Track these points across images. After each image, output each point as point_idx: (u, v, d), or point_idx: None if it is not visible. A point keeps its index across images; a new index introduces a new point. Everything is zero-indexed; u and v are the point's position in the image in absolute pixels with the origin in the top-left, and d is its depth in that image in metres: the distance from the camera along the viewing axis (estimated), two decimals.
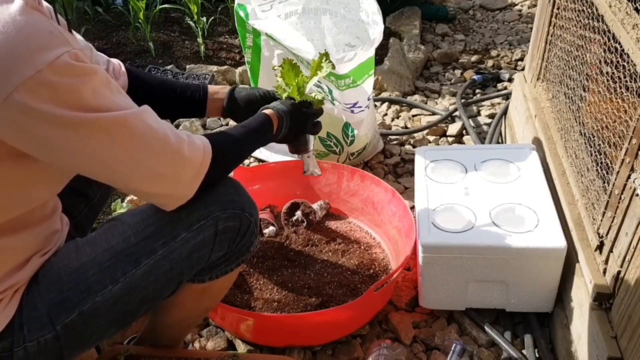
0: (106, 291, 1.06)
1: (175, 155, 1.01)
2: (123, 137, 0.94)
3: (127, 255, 1.08)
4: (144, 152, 0.97)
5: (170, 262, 1.11)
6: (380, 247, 1.84)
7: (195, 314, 1.37)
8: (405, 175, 2.20)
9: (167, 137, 0.99)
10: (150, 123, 0.97)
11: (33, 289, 1.05)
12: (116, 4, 3.35)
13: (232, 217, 1.14)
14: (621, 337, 1.21)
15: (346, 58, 1.83)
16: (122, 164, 0.97)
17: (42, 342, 1.03)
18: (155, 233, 1.10)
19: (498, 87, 2.74)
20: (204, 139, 1.09)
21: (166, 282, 1.14)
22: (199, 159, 1.05)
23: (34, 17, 0.87)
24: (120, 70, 1.32)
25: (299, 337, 1.54)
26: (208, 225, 1.12)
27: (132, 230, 1.10)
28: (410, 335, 1.57)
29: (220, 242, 1.15)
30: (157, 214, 1.11)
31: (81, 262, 1.08)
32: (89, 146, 0.92)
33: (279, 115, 1.28)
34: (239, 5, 1.97)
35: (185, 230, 1.11)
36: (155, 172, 1.00)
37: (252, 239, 1.21)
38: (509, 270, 1.50)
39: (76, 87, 0.88)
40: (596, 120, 1.45)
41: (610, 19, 1.31)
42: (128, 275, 1.08)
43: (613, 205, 1.27)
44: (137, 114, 0.96)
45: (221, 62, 2.90)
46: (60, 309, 1.04)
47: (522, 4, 3.56)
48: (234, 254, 1.21)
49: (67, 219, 1.20)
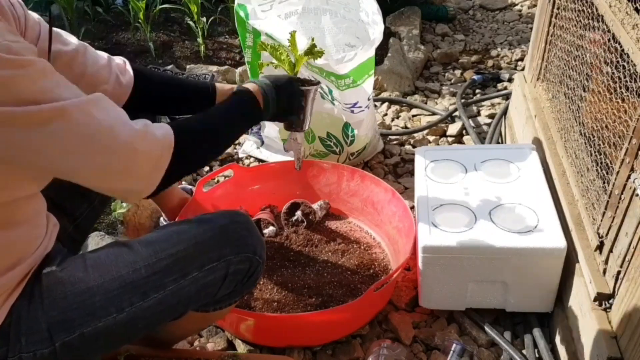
0: (110, 318, 1.06)
1: (125, 149, 0.96)
2: (62, 130, 0.89)
3: (136, 287, 1.07)
4: (88, 145, 0.92)
5: (178, 298, 1.11)
6: (380, 247, 1.84)
7: (193, 331, 1.41)
8: (405, 175, 2.20)
9: (113, 129, 0.94)
10: (95, 114, 0.91)
11: (36, 301, 1.04)
12: (116, 4, 3.35)
13: (244, 260, 1.15)
14: (621, 337, 1.21)
15: (346, 58, 1.83)
16: (67, 159, 0.92)
17: (39, 355, 1.03)
18: (167, 269, 1.09)
19: (498, 87, 2.74)
20: (166, 127, 1.03)
21: (171, 314, 1.15)
22: (157, 151, 1.00)
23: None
24: (125, 68, 1.28)
25: (299, 337, 1.54)
26: (220, 267, 1.12)
27: (143, 262, 1.09)
28: (410, 335, 1.57)
29: (229, 282, 1.16)
30: (170, 248, 1.10)
31: (88, 285, 1.06)
32: (30, 141, 0.88)
33: (263, 90, 1.21)
34: (239, 5, 1.97)
35: (196, 269, 1.11)
36: (104, 166, 0.96)
37: (258, 277, 1.22)
38: (509, 270, 1.50)
39: (8, 81, 0.84)
40: (596, 120, 1.45)
41: (610, 19, 1.31)
42: (135, 306, 1.07)
43: (613, 205, 1.27)
44: (78, 104, 0.90)
45: (221, 62, 2.90)
46: (61, 327, 1.03)
47: (522, 4, 3.56)
48: (241, 292, 1.22)
49: (55, 220, 1.18)
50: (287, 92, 1.25)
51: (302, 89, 1.31)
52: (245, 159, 2.31)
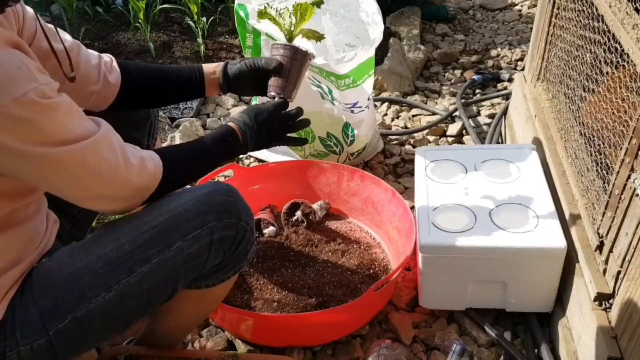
0: (99, 298, 1.06)
1: (123, 182, 1.05)
2: (76, 168, 0.99)
3: (121, 263, 1.08)
4: (93, 180, 1.02)
5: (165, 271, 1.11)
6: (380, 247, 1.84)
7: (193, 319, 1.37)
8: (405, 175, 2.19)
9: (117, 167, 1.03)
10: (104, 153, 1.01)
11: (27, 293, 1.05)
12: (116, 4, 3.35)
13: (228, 226, 1.13)
14: (621, 337, 1.22)
15: (346, 58, 1.83)
16: (71, 189, 1.03)
17: (36, 347, 1.03)
18: (150, 241, 1.09)
19: (498, 87, 2.74)
20: (157, 160, 1.11)
21: (160, 290, 1.14)
22: (146, 182, 1.10)
23: (3, 52, 0.91)
24: (112, 65, 1.32)
25: (299, 337, 1.54)
26: (203, 234, 1.11)
27: (126, 237, 1.09)
28: (410, 335, 1.57)
29: (216, 251, 1.15)
30: (152, 221, 1.10)
31: (75, 267, 1.07)
32: (43, 174, 0.97)
33: (241, 129, 1.27)
34: (239, 5, 1.97)
35: (180, 239, 1.10)
36: (100, 194, 1.05)
37: (248, 247, 1.20)
38: (509, 270, 1.50)
39: (38, 122, 0.92)
40: (596, 120, 1.45)
41: (610, 19, 1.31)
42: (122, 283, 1.07)
43: (613, 205, 1.27)
44: (92, 146, 0.99)
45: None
46: (53, 314, 1.04)
47: (522, 4, 3.56)
48: (230, 263, 1.20)
49: (55, 217, 1.19)
50: (267, 127, 1.30)
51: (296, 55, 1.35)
52: (245, 158, 2.31)
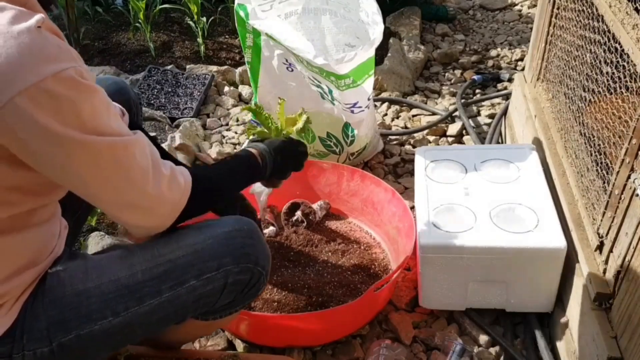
0: (105, 322, 1.05)
1: (153, 191, 1.01)
2: (108, 163, 0.95)
3: (132, 292, 1.07)
4: (123, 181, 0.98)
5: (174, 306, 1.10)
6: (380, 247, 1.84)
7: (196, 336, 1.40)
8: (405, 175, 2.19)
9: (148, 172, 1.00)
10: (137, 156, 0.98)
11: (39, 299, 1.05)
12: (116, 4, 3.35)
13: (244, 270, 1.12)
14: (621, 337, 1.21)
15: (346, 58, 1.83)
16: (100, 187, 0.98)
17: (39, 354, 1.03)
18: (164, 275, 1.08)
19: (498, 87, 2.74)
20: (186, 174, 1.08)
21: (168, 321, 1.14)
22: (177, 197, 1.06)
23: (46, 32, 0.89)
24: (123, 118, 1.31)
25: (299, 337, 1.54)
26: (218, 277, 1.10)
27: (140, 266, 1.08)
28: (410, 335, 1.57)
29: (229, 293, 1.14)
30: (168, 254, 1.09)
31: (86, 286, 1.06)
32: (74, 164, 0.93)
33: (261, 154, 1.29)
34: (239, 5, 1.97)
35: (194, 278, 1.09)
36: (129, 201, 1.01)
37: (260, 288, 1.19)
38: (509, 270, 1.50)
39: (76, 103, 0.88)
40: (596, 120, 1.45)
41: (610, 19, 1.31)
42: (130, 311, 1.07)
43: (613, 205, 1.27)
44: (126, 144, 0.96)
45: (221, 62, 2.90)
46: (59, 327, 1.04)
47: (522, 4, 3.56)
48: (241, 301, 1.20)
49: (65, 222, 1.19)
50: (282, 154, 1.33)
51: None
52: None
